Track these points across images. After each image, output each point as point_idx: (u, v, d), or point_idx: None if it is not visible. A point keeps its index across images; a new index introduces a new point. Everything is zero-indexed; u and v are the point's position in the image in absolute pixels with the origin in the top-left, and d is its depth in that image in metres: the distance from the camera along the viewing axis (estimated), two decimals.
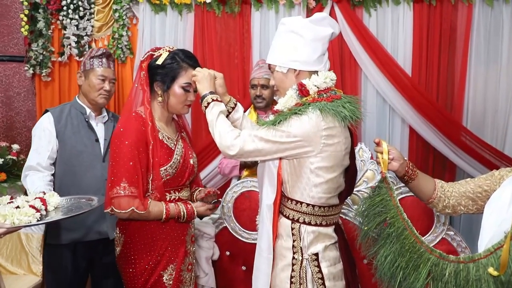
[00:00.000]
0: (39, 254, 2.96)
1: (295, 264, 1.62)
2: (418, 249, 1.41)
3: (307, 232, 1.63)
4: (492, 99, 3.43)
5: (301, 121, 1.56)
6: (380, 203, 1.55)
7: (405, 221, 1.46)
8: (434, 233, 2.48)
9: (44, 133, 2.24)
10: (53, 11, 3.47)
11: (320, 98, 1.60)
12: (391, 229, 1.48)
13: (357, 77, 3.52)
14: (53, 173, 2.24)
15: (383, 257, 1.47)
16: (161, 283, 1.82)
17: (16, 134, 3.76)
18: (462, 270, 1.32)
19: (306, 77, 1.66)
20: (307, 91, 1.63)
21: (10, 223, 1.45)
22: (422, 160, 3.56)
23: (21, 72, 3.68)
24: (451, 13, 3.41)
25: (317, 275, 1.60)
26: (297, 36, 1.65)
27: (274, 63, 1.72)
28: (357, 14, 3.45)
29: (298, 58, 1.66)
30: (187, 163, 1.90)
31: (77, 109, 2.31)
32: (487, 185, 1.55)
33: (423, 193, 1.65)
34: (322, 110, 1.55)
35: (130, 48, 3.56)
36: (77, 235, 2.22)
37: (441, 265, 1.37)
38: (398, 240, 1.45)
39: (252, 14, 3.51)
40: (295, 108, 1.60)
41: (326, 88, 1.64)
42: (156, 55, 1.84)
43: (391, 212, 1.50)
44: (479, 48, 3.39)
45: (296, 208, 1.64)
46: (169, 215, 1.80)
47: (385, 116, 3.55)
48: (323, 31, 1.67)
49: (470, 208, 1.59)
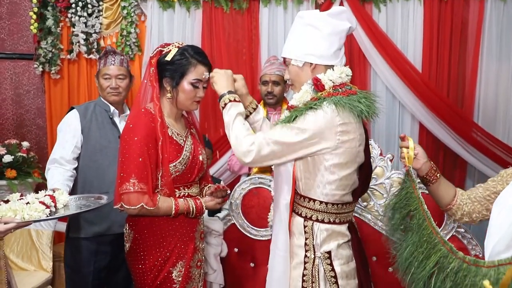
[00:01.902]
0: (50, 251, 2.99)
1: (307, 262, 1.60)
2: (433, 240, 1.42)
3: (320, 230, 1.60)
4: (504, 95, 3.39)
5: (316, 116, 1.53)
6: (405, 197, 1.55)
7: (424, 212, 1.46)
8: (445, 230, 2.45)
9: (69, 128, 2.31)
10: (62, 9, 3.49)
11: (335, 93, 1.57)
12: (414, 220, 1.49)
13: (367, 73, 3.50)
14: (75, 167, 2.30)
15: (403, 249, 1.49)
16: (170, 279, 1.82)
17: (26, 132, 3.78)
18: (463, 270, 1.32)
19: (322, 72, 1.63)
20: (322, 85, 1.60)
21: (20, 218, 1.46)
22: (433, 157, 3.51)
23: (30, 69, 3.70)
24: (462, 8, 3.38)
25: (330, 273, 1.58)
26: (314, 30, 1.61)
27: (289, 57, 1.68)
28: (366, 10, 3.42)
29: (315, 51, 1.62)
30: (196, 160, 1.89)
31: (101, 107, 2.39)
32: (494, 187, 1.52)
33: (442, 198, 1.62)
34: (337, 104, 1.52)
35: (138, 45, 3.57)
36: (100, 228, 2.28)
37: (449, 258, 1.37)
38: (418, 231, 1.46)
39: (260, 11, 3.50)
40: (310, 102, 1.57)
41: (342, 83, 1.62)
42: (166, 51, 1.83)
43: (414, 204, 1.51)
44: (491, 44, 3.35)
45: (309, 205, 1.62)
46: (179, 210, 1.80)
47: (395, 113, 3.52)
48: (341, 25, 1.63)
49: (484, 213, 1.56)
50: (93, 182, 2.25)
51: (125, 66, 2.46)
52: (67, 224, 2.40)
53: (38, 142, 3.79)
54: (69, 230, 2.36)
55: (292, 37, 1.69)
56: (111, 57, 2.40)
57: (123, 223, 1.94)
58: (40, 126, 3.79)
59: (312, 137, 1.54)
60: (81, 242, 2.30)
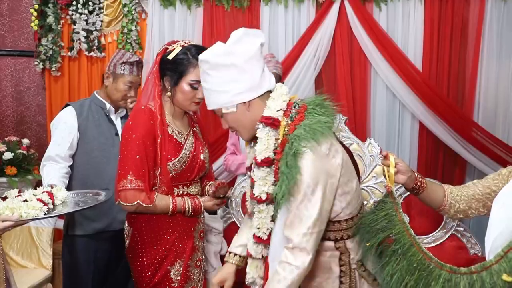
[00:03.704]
0: (49, 248, 2.99)
1: (343, 277, 1.52)
2: (427, 266, 1.34)
3: (353, 244, 1.54)
4: (504, 94, 3.39)
5: (306, 163, 1.37)
6: (384, 218, 1.45)
7: (412, 237, 1.39)
8: (444, 229, 2.46)
9: (65, 125, 2.28)
10: (63, 6, 3.48)
11: (295, 121, 1.42)
12: (397, 245, 1.39)
13: (367, 72, 3.49)
14: (70, 164, 2.29)
15: (389, 275, 1.39)
16: (168, 278, 1.82)
17: (26, 129, 3.79)
18: (476, 281, 1.24)
19: (260, 104, 1.48)
20: (277, 120, 1.45)
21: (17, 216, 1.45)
22: (432, 156, 3.53)
23: (31, 66, 3.70)
24: (463, 7, 3.37)
25: (369, 277, 1.55)
26: (226, 68, 1.43)
27: (218, 106, 1.50)
28: (367, 9, 3.42)
29: (242, 88, 1.45)
30: (197, 158, 1.89)
31: (97, 104, 2.36)
32: (495, 185, 1.50)
33: (433, 202, 1.59)
34: (314, 138, 1.38)
35: (139, 43, 3.56)
36: (100, 225, 2.28)
37: (454, 280, 1.29)
38: (405, 257, 1.37)
39: (261, 9, 3.49)
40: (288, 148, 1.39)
41: (288, 104, 1.48)
42: (170, 49, 1.81)
43: (396, 228, 1.42)
44: (491, 43, 3.35)
45: (336, 228, 1.52)
46: (176, 209, 1.80)
47: (395, 112, 3.52)
48: (251, 47, 1.45)
49: (481, 210, 1.55)
50: (91, 179, 2.24)
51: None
52: (65, 222, 2.38)
53: (39, 139, 3.79)
54: (67, 227, 2.35)
55: (208, 87, 1.50)
56: (138, 68, 2.34)
57: (124, 219, 1.94)
58: (40, 123, 3.79)
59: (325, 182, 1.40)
60: (80, 240, 2.29)
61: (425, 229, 2.49)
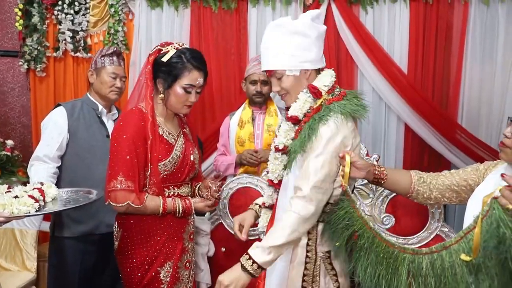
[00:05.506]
0: (34, 250, 2.94)
1: (309, 263, 1.61)
2: (392, 253, 1.40)
3: (324, 229, 1.62)
4: (487, 97, 3.45)
5: (330, 129, 1.54)
6: (345, 216, 1.51)
7: (372, 229, 1.45)
8: (429, 229, 2.49)
9: (55, 126, 2.28)
10: (48, 6, 3.44)
11: (334, 98, 1.59)
12: (362, 240, 1.46)
13: (353, 74, 3.53)
14: (59, 165, 2.28)
15: (362, 271, 1.45)
16: (158, 279, 1.82)
17: (10, 130, 3.73)
18: (436, 260, 1.33)
19: (313, 77, 1.66)
20: (320, 92, 1.62)
21: (9, 212, 1.43)
22: (417, 158, 3.58)
23: (15, 67, 3.64)
24: (447, 12, 3.43)
25: (331, 272, 1.62)
26: (303, 37, 1.61)
27: (283, 68, 1.64)
28: (353, 12, 3.45)
29: (310, 58, 1.63)
30: (187, 159, 1.89)
31: (89, 105, 2.36)
32: (472, 179, 1.57)
33: (400, 189, 1.68)
34: (343, 111, 1.56)
35: (126, 44, 3.54)
36: (87, 227, 2.26)
37: (417, 261, 1.36)
38: (371, 250, 1.43)
39: (248, 11, 3.50)
40: (317, 115, 1.57)
41: (333, 85, 1.66)
42: (164, 51, 1.81)
43: (357, 224, 1.48)
44: (474, 47, 3.41)
45: None
46: (166, 209, 1.80)
47: (381, 114, 3.56)
48: (322, 28, 1.67)
49: (453, 200, 1.62)
50: (81, 181, 2.22)
51: None
52: (52, 223, 2.36)
53: (23, 141, 3.74)
54: (54, 229, 2.33)
55: (278, 47, 1.63)
56: (118, 59, 2.39)
57: (111, 223, 1.93)
58: (24, 124, 3.74)
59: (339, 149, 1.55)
60: (67, 242, 2.28)
61: (411, 230, 2.52)
